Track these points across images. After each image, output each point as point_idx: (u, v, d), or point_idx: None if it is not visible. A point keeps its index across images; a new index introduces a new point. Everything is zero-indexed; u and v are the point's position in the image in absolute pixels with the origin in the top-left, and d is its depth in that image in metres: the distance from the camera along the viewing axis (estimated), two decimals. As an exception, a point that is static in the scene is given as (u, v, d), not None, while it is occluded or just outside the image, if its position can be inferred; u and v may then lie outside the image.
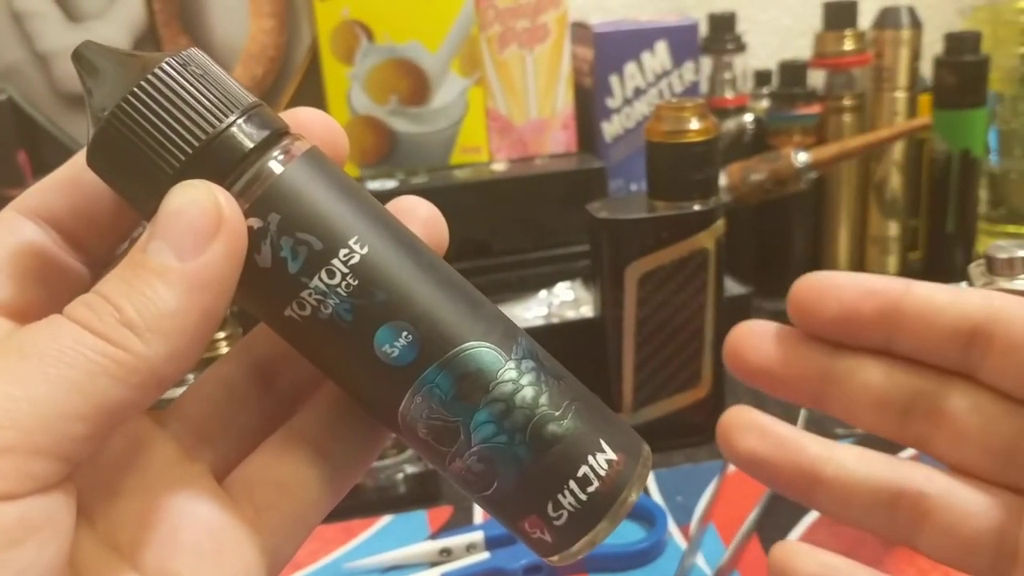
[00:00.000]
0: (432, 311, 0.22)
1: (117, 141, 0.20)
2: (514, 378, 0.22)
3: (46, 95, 0.73)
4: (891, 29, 0.78)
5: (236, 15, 0.75)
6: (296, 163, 0.21)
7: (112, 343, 0.19)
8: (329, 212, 0.21)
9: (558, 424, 0.22)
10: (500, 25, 0.76)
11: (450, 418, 0.22)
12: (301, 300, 0.21)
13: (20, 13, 0.71)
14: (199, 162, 0.21)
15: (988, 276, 0.44)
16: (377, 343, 0.21)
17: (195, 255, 0.20)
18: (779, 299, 0.83)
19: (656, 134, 0.54)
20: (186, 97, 0.20)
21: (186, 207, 0.20)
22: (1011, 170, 0.83)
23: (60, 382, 0.18)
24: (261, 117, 0.22)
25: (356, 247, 0.21)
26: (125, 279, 0.20)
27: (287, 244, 0.21)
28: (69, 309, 0.20)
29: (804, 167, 0.71)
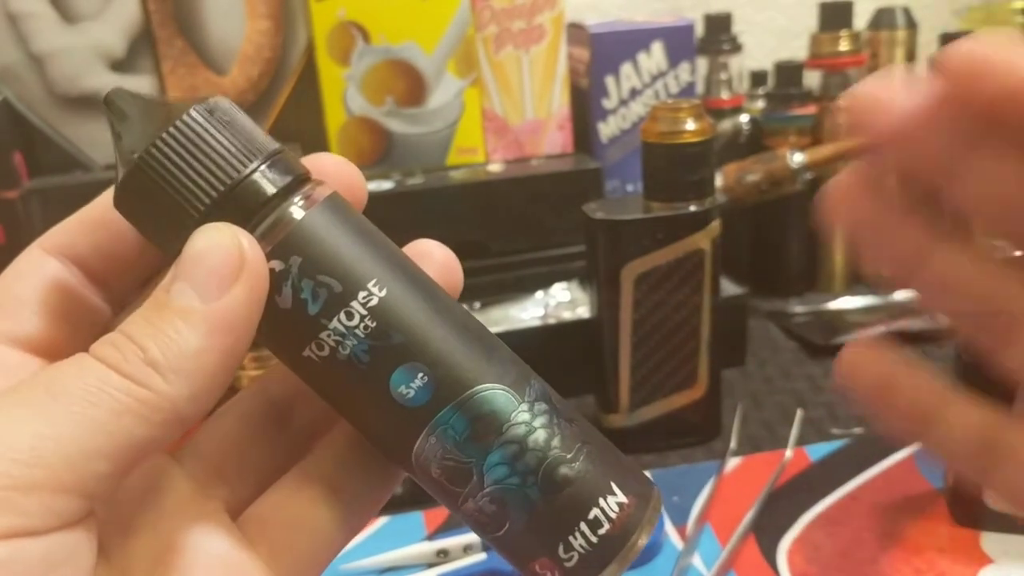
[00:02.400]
0: (447, 353, 0.22)
1: (144, 185, 0.21)
2: (527, 420, 0.22)
3: (41, 96, 0.73)
4: (886, 30, 0.78)
5: (232, 16, 0.75)
6: (317, 208, 0.22)
7: (137, 382, 0.19)
8: (349, 255, 0.22)
9: (570, 467, 0.23)
10: (496, 26, 0.76)
11: (463, 459, 0.22)
12: (320, 341, 0.22)
13: (15, 14, 0.71)
14: (223, 207, 0.21)
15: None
16: (393, 384, 0.22)
17: (217, 297, 0.20)
18: (775, 299, 0.84)
19: (652, 135, 0.54)
20: (212, 143, 0.21)
21: (209, 250, 0.21)
22: (1006, 170, 0.83)
23: (85, 421, 0.19)
24: (284, 163, 0.22)
25: (375, 290, 0.22)
26: (149, 320, 0.20)
27: (308, 286, 0.21)
28: (95, 348, 0.20)
29: (800, 168, 0.71)
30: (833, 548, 0.48)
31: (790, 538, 0.49)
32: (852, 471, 0.54)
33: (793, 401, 0.64)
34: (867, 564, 0.47)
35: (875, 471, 0.54)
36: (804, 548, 0.48)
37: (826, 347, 0.71)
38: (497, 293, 0.71)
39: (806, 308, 0.78)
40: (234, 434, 0.25)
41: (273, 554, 0.23)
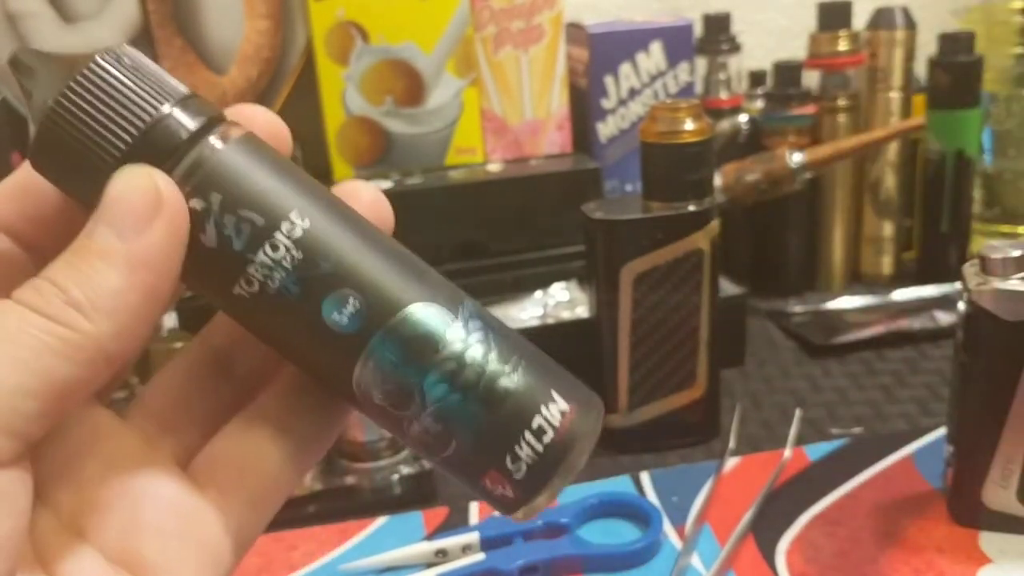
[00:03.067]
0: (376, 277, 0.22)
1: (57, 139, 0.21)
2: (462, 337, 0.23)
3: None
4: (885, 30, 0.78)
5: (231, 16, 0.75)
6: (233, 145, 0.22)
7: (58, 322, 0.20)
8: (269, 188, 0.22)
9: (509, 378, 0.23)
10: (495, 26, 0.76)
11: (403, 381, 0.22)
12: (248, 276, 0.22)
13: (14, 14, 0.71)
14: (138, 151, 0.21)
15: (982, 276, 0.44)
16: (325, 312, 0.22)
17: (137, 236, 0.21)
18: (774, 299, 0.84)
19: (651, 135, 0.54)
20: (121, 89, 0.21)
21: (125, 191, 0.21)
22: (1005, 170, 0.83)
23: (8, 361, 0.19)
24: (196, 105, 0.22)
25: (297, 220, 0.22)
26: (69, 262, 0.21)
27: (230, 222, 0.22)
28: (16, 293, 0.20)
29: (799, 167, 0.71)
30: (832, 548, 0.48)
31: (789, 538, 0.49)
32: (851, 471, 0.54)
33: (792, 401, 0.64)
34: (866, 564, 0.47)
35: (874, 471, 0.54)
36: (803, 548, 0.48)
37: (825, 347, 0.71)
38: (496, 293, 0.71)
39: (805, 308, 0.78)
40: (179, 385, 0.26)
41: (223, 495, 0.23)
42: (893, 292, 0.80)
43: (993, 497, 0.47)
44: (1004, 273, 0.44)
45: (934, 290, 0.79)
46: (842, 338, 0.72)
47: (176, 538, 0.22)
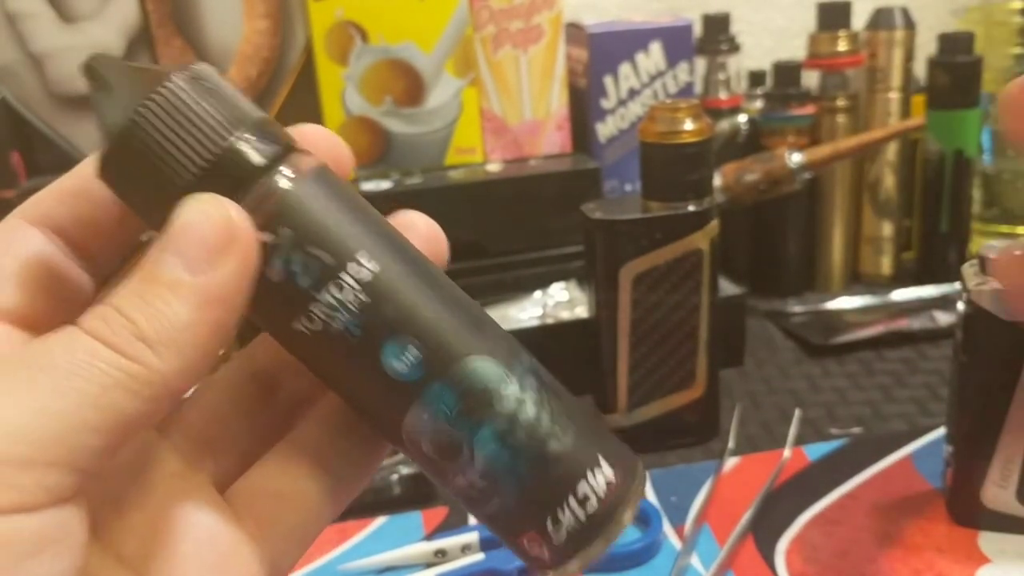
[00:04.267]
0: (438, 327, 0.22)
1: (128, 155, 0.21)
2: (517, 394, 0.22)
3: (39, 96, 0.73)
4: (885, 30, 0.78)
5: (230, 16, 0.75)
6: (307, 179, 0.22)
7: (127, 356, 0.19)
8: (339, 227, 0.21)
9: (559, 441, 0.22)
10: (494, 26, 0.76)
11: (454, 433, 0.22)
12: (311, 314, 0.21)
13: (13, 14, 0.71)
14: (209, 177, 0.21)
15: (981, 276, 0.44)
16: (384, 358, 0.21)
17: (207, 269, 0.20)
18: (773, 299, 0.84)
19: (650, 135, 0.54)
20: (197, 111, 0.21)
21: (197, 221, 0.20)
22: (1004, 170, 0.83)
23: (75, 395, 0.19)
24: (271, 132, 0.22)
25: (366, 262, 0.21)
26: (138, 292, 0.20)
27: (298, 259, 0.21)
28: (83, 321, 0.20)
29: (798, 167, 0.71)
30: (831, 548, 0.48)
31: (788, 538, 0.49)
32: (850, 471, 0.54)
33: (791, 401, 0.64)
34: (865, 564, 0.47)
35: (873, 471, 0.54)
36: (802, 548, 0.48)
37: (825, 347, 0.71)
38: (495, 293, 0.71)
39: (804, 308, 0.78)
40: (220, 407, 0.25)
41: (261, 528, 0.23)
42: (892, 292, 0.80)
43: (992, 497, 0.47)
44: (1003, 273, 0.44)
45: (933, 290, 0.79)
46: (841, 338, 0.72)
47: (215, 571, 0.22)
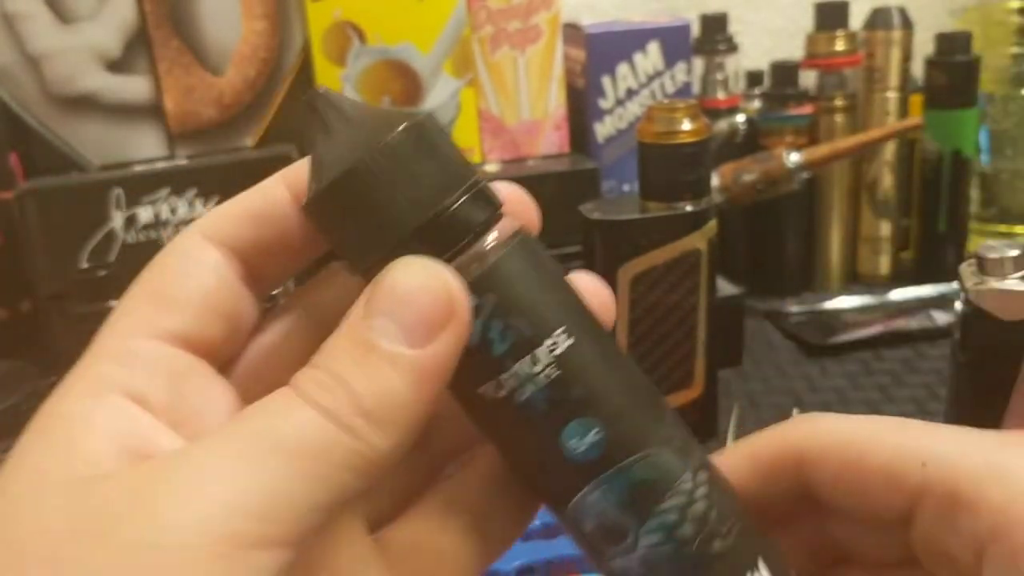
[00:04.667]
0: (623, 412, 0.21)
1: (344, 199, 0.20)
2: (689, 490, 0.22)
3: (37, 97, 0.73)
4: (882, 30, 0.78)
5: (228, 17, 0.74)
6: (514, 247, 0.21)
7: (355, 436, 0.19)
8: (541, 300, 0.21)
9: (724, 541, 0.22)
10: (492, 26, 0.76)
11: (620, 521, 0.22)
12: (500, 382, 0.21)
13: (11, 15, 0.71)
14: (424, 235, 0.20)
15: (979, 276, 0.44)
16: (565, 436, 0.21)
17: (425, 343, 0.20)
18: (772, 299, 0.84)
19: (648, 135, 0.54)
20: (418, 168, 0.20)
21: (418, 291, 0.20)
22: (1002, 170, 0.83)
23: (309, 476, 0.18)
24: (483, 194, 0.21)
25: (561, 338, 0.21)
26: (357, 361, 0.19)
27: (497, 327, 0.21)
28: (307, 389, 0.19)
29: (796, 167, 0.71)
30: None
31: (787, 538, 0.49)
32: (849, 471, 0.54)
33: (790, 401, 0.64)
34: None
35: (871, 471, 0.54)
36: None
37: (823, 347, 0.71)
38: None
39: (803, 308, 0.79)
40: None
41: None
42: (890, 292, 0.80)
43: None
44: (1001, 273, 0.44)
45: (931, 290, 0.79)
46: (840, 338, 0.72)
47: None
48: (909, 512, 0.22)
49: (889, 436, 0.23)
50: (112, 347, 0.21)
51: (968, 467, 0.21)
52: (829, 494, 0.24)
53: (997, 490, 0.21)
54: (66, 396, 0.20)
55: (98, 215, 0.67)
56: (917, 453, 0.22)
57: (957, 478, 0.21)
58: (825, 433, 0.24)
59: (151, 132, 0.75)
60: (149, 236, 0.68)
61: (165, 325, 0.21)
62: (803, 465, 0.24)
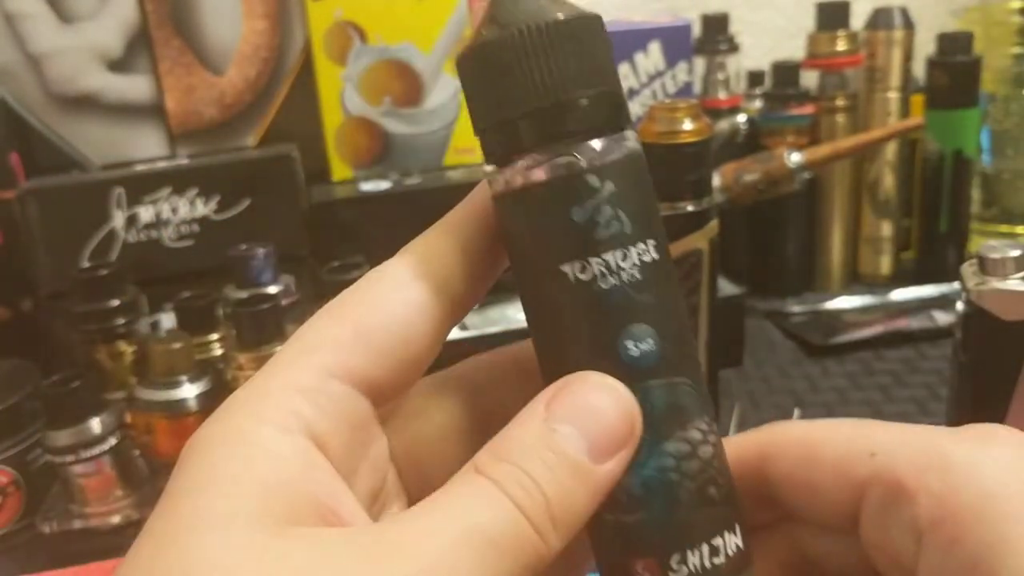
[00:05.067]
0: (675, 338, 0.23)
1: (512, 52, 0.22)
2: (704, 432, 0.23)
3: (38, 97, 0.73)
4: (884, 30, 0.78)
5: (229, 16, 0.75)
6: (637, 156, 0.23)
7: (542, 538, 0.20)
8: (645, 208, 0.23)
9: (719, 490, 0.23)
10: (493, 26, 0.76)
11: (643, 434, 0.22)
12: (587, 264, 0.22)
13: (12, 14, 0.71)
14: (571, 107, 0.22)
15: (980, 276, 0.44)
16: (623, 336, 0.22)
17: (605, 460, 0.21)
18: (773, 299, 0.84)
19: (649, 135, 0.54)
20: (589, 51, 0.22)
21: (608, 408, 0.21)
22: (1003, 170, 0.83)
23: (502, 568, 0.19)
24: (623, 104, 0.23)
25: (652, 249, 0.23)
26: (548, 464, 0.20)
27: (607, 213, 0.22)
28: (503, 482, 0.20)
29: (797, 167, 0.71)
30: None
31: (788, 538, 0.49)
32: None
33: (791, 401, 0.64)
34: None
35: (873, 471, 0.54)
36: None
37: (824, 347, 0.71)
38: (494, 293, 0.70)
39: (804, 308, 0.78)
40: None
41: None
42: (892, 292, 0.80)
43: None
44: (1003, 273, 0.44)
45: (933, 290, 0.79)
46: (840, 338, 0.72)
47: None
48: (857, 507, 0.23)
49: (842, 431, 0.23)
50: (306, 381, 0.21)
51: (913, 457, 0.22)
52: (787, 492, 0.24)
53: (938, 480, 0.21)
54: (253, 423, 0.20)
55: (99, 215, 0.67)
56: (867, 445, 0.22)
57: (902, 467, 0.21)
58: (785, 433, 0.24)
59: (152, 132, 0.75)
60: (150, 235, 0.68)
61: (362, 368, 0.21)
62: (765, 462, 0.24)
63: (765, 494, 0.24)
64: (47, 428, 0.53)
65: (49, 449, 0.53)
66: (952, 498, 0.20)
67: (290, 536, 0.18)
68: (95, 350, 0.59)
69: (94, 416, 0.53)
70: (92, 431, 0.53)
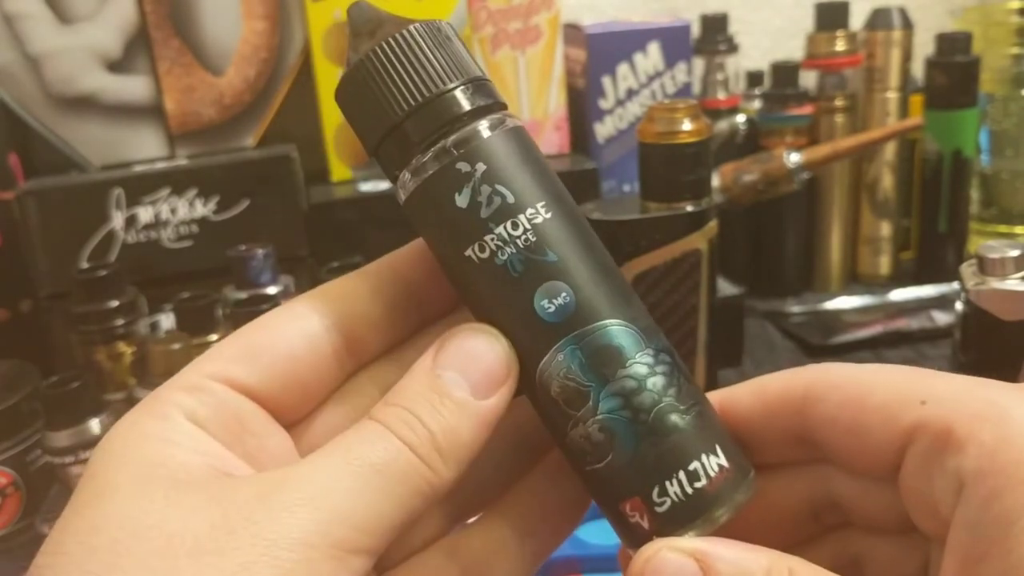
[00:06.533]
0: (592, 284, 0.24)
1: (362, 82, 0.24)
2: (650, 363, 0.24)
3: (37, 97, 0.73)
4: (882, 30, 0.78)
5: (228, 17, 0.75)
6: (506, 131, 0.24)
7: (429, 466, 0.22)
8: (525, 176, 0.24)
9: (681, 417, 0.24)
10: (492, 26, 0.76)
11: (584, 382, 0.23)
12: (483, 243, 0.24)
13: (11, 15, 0.71)
14: (423, 112, 0.24)
15: (979, 276, 0.45)
16: (537, 298, 0.23)
17: (488, 396, 0.23)
18: (772, 299, 0.84)
19: (648, 135, 0.54)
20: (427, 56, 0.24)
21: (486, 351, 0.23)
22: (1002, 170, 0.83)
23: (396, 498, 0.22)
24: (485, 89, 0.25)
25: (542, 210, 0.24)
26: (433, 404, 0.23)
27: (485, 192, 0.24)
28: (391, 423, 0.22)
29: (796, 168, 0.71)
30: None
31: (787, 538, 0.49)
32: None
33: (790, 401, 0.64)
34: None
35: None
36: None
37: (823, 347, 0.71)
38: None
39: (803, 308, 0.79)
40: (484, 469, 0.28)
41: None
42: (891, 292, 0.80)
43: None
44: (1001, 273, 0.44)
45: (932, 290, 0.79)
46: (840, 338, 0.72)
47: None
48: (901, 454, 0.23)
49: (893, 376, 0.24)
50: (188, 382, 0.23)
51: (967, 406, 0.21)
52: (827, 435, 0.24)
53: (991, 432, 0.21)
54: (139, 416, 0.23)
55: (98, 215, 0.67)
56: (918, 392, 0.23)
57: (954, 416, 0.21)
58: (831, 373, 0.25)
59: (151, 132, 0.75)
60: (149, 236, 0.68)
61: (242, 377, 0.24)
62: (807, 402, 0.24)
63: (803, 434, 0.25)
64: (47, 429, 0.53)
65: (49, 450, 0.53)
66: (1003, 452, 0.20)
67: (181, 489, 0.21)
68: (94, 351, 0.59)
69: (94, 417, 0.53)
70: (92, 432, 0.53)
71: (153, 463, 0.21)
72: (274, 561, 0.20)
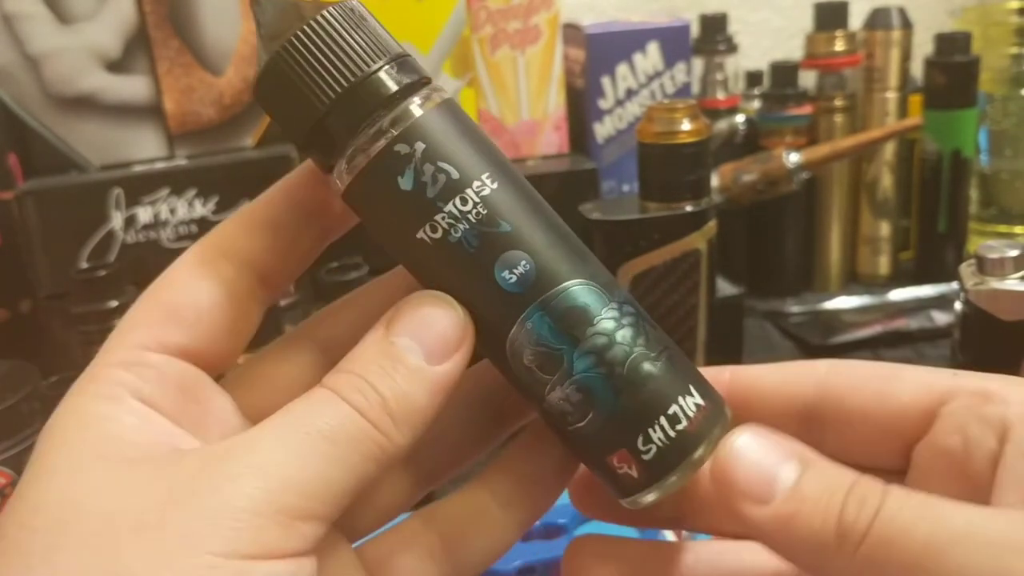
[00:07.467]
0: (549, 247, 0.24)
1: (281, 76, 0.23)
2: (616, 317, 0.24)
3: (37, 97, 0.73)
4: (882, 30, 0.78)
5: (228, 17, 0.74)
6: (440, 106, 0.24)
7: (380, 430, 0.22)
8: (466, 149, 0.24)
9: (653, 364, 0.24)
10: (492, 26, 0.76)
11: (555, 346, 0.24)
12: (434, 223, 0.23)
13: (10, 15, 0.71)
14: (350, 98, 0.23)
15: (979, 276, 0.45)
16: (496, 270, 0.23)
17: (442, 362, 0.23)
18: (771, 299, 0.84)
19: (648, 135, 0.54)
20: (346, 40, 0.23)
21: (439, 317, 0.23)
22: (1001, 170, 0.83)
23: (344, 463, 0.22)
24: (409, 65, 0.24)
25: (488, 182, 0.23)
26: (386, 370, 0.23)
27: (428, 171, 0.23)
28: (336, 385, 0.22)
29: (796, 167, 0.71)
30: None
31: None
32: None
33: (789, 401, 0.64)
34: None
35: (871, 471, 0.54)
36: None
37: (823, 347, 0.71)
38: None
39: (802, 308, 0.79)
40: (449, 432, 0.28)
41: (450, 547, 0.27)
42: (890, 292, 0.80)
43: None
44: (1001, 273, 0.44)
45: (931, 290, 0.79)
46: (839, 338, 0.72)
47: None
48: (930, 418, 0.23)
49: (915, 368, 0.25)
50: (124, 357, 0.23)
51: (996, 378, 0.23)
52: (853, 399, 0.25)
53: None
54: (84, 398, 0.23)
55: (98, 215, 0.67)
56: (947, 371, 0.24)
57: (988, 381, 0.23)
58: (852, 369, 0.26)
59: (151, 132, 0.75)
60: (149, 236, 0.68)
61: (175, 340, 0.23)
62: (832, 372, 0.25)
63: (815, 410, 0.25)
64: (46, 429, 0.53)
65: (48, 450, 0.53)
66: None
67: (128, 467, 0.21)
68: (94, 351, 0.59)
69: (93, 417, 0.53)
70: (91, 432, 0.53)
71: (102, 443, 0.21)
72: (218, 531, 0.20)
